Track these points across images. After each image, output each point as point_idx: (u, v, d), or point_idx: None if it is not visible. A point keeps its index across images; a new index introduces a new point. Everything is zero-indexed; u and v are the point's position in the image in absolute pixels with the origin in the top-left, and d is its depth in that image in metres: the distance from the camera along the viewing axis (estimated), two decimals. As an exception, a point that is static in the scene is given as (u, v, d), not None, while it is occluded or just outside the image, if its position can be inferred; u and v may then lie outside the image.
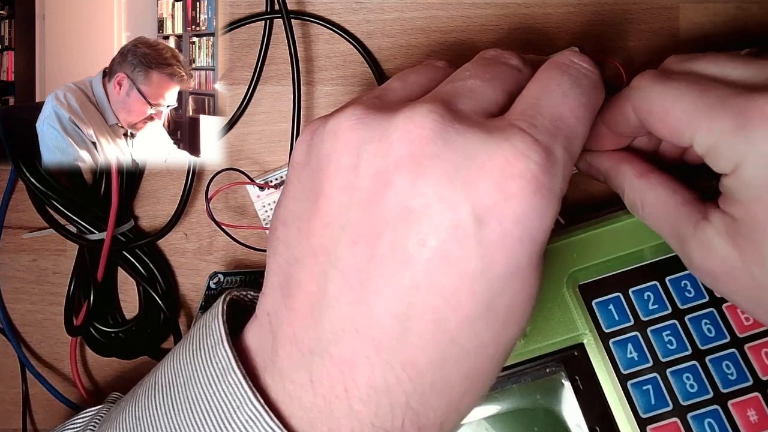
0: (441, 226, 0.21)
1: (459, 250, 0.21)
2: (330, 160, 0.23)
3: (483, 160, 0.21)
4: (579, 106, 0.24)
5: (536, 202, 0.21)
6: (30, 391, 0.38)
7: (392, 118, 0.22)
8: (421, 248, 0.21)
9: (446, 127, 0.22)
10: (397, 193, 0.22)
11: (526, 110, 0.23)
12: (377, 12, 0.37)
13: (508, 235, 0.21)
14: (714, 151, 0.24)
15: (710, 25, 0.36)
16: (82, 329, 0.36)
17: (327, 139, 0.23)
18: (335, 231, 0.23)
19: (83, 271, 0.37)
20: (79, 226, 0.36)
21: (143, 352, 0.37)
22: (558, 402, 0.31)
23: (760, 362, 0.29)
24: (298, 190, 0.24)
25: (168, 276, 0.38)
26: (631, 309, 0.31)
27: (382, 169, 0.22)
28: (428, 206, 0.21)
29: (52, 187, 0.35)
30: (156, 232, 0.37)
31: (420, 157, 0.22)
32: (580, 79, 0.25)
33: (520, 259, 0.21)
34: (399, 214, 0.21)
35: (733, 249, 0.24)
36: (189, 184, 0.36)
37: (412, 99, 0.25)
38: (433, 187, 0.21)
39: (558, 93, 0.24)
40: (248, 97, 0.36)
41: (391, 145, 0.22)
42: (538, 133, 0.22)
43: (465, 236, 0.21)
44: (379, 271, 0.22)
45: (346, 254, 0.22)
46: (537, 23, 0.37)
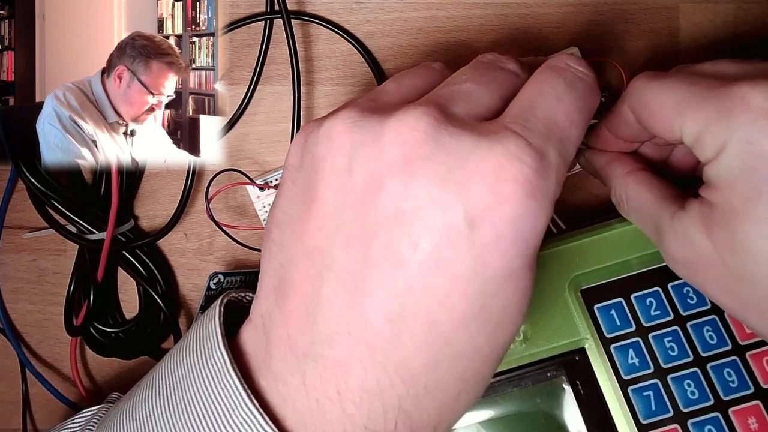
0: (434, 229, 0.21)
1: (452, 253, 0.21)
2: (324, 162, 0.23)
3: (476, 162, 0.21)
4: (573, 110, 0.24)
5: (529, 204, 0.21)
6: (30, 391, 0.38)
7: (385, 121, 0.22)
8: (414, 251, 0.21)
9: (439, 130, 0.22)
10: (390, 195, 0.22)
11: (520, 113, 0.23)
12: (377, 12, 0.37)
13: (501, 237, 0.21)
14: (700, 140, 0.24)
15: (710, 25, 0.36)
16: (82, 329, 0.36)
17: (321, 141, 0.23)
18: (329, 233, 0.23)
19: (83, 271, 0.37)
20: (79, 226, 0.36)
21: (143, 352, 0.37)
22: (558, 406, 0.30)
23: (762, 370, 0.29)
24: (292, 192, 0.25)
25: (168, 276, 0.38)
26: (632, 314, 0.31)
27: (376, 172, 0.22)
28: (421, 208, 0.21)
29: (52, 187, 0.35)
30: (156, 232, 0.37)
31: (412, 160, 0.22)
32: (575, 82, 0.25)
33: (514, 262, 0.22)
34: (392, 216, 0.22)
35: (707, 237, 0.24)
36: (189, 184, 0.36)
37: (408, 101, 0.25)
38: (426, 190, 0.21)
39: (552, 96, 0.24)
40: (248, 97, 0.36)
41: (383, 148, 0.22)
42: (532, 136, 0.22)
43: (458, 238, 0.21)
44: (372, 274, 0.22)
45: (340, 256, 0.22)
46: (537, 23, 0.36)
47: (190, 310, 0.38)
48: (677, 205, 0.26)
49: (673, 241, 0.26)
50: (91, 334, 0.37)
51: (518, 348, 0.31)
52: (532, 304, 0.30)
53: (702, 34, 0.36)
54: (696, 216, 0.25)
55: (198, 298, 0.37)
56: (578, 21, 0.36)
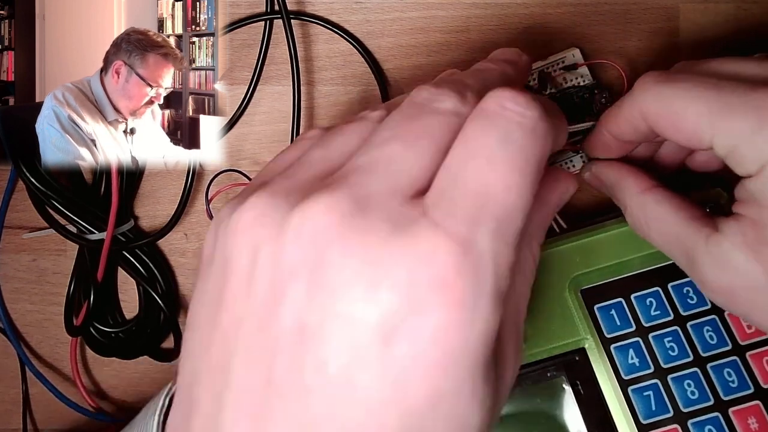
0: (341, 348, 0.18)
1: (363, 376, 0.18)
2: (230, 262, 0.20)
3: (388, 265, 0.18)
4: (511, 171, 0.19)
5: (453, 315, 0.17)
6: (30, 391, 0.38)
7: (289, 216, 0.19)
8: (319, 374, 0.18)
9: (346, 228, 0.18)
10: (292, 307, 0.18)
11: (444, 190, 0.19)
12: (377, 12, 0.37)
13: (421, 357, 0.18)
14: (736, 153, 0.23)
15: (710, 25, 0.36)
16: (82, 329, 0.36)
17: (229, 234, 0.21)
18: (231, 347, 0.20)
19: (83, 271, 0.37)
20: (79, 226, 0.36)
21: (143, 352, 0.37)
22: (558, 406, 0.30)
23: (762, 370, 0.29)
24: (202, 292, 0.22)
25: (168, 276, 0.38)
26: (633, 314, 0.31)
27: (277, 278, 0.19)
28: (326, 323, 0.18)
29: (52, 187, 0.35)
30: (156, 232, 0.37)
31: (315, 265, 0.18)
32: (511, 131, 0.20)
33: (441, 385, 0.18)
34: (295, 332, 0.18)
35: (755, 260, 0.22)
36: (189, 184, 0.36)
37: (331, 172, 0.21)
38: (331, 300, 0.18)
39: (482, 159, 0.19)
40: (248, 97, 0.36)
41: (285, 249, 0.19)
42: (455, 224, 0.18)
43: (369, 359, 0.18)
44: (275, 400, 0.19)
45: (241, 375, 0.19)
46: (537, 23, 0.36)
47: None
48: (709, 227, 0.24)
49: (711, 268, 0.24)
50: (91, 334, 0.37)
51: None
52: (532, 304, 0.31)
53: (702, 34, 0.36)
54: (737, 237, 0.23)
55: (198, 298, 0.37)
56: (578, 21, 0.36)
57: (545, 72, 0.36)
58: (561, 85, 0.35)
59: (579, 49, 0.36)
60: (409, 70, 0.37)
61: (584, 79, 0.35)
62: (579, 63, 0.35)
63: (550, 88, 0.35)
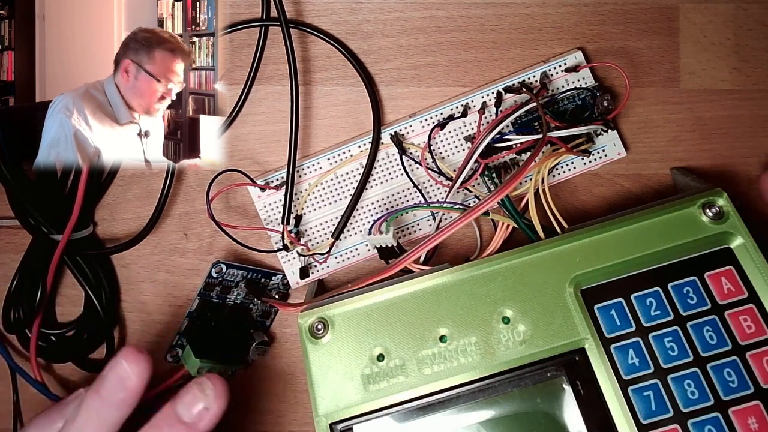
0: None
1: None
2: None
3: None
4: None
5: None
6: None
7: None
8: None
9: None
10: None
11: None
12: (377, 12, 0.37)
13: None
14: None
15: (710, 25, 0.36)
16: (18, 327, 0.36)
17: None
18: None
19: (30, 267, 0.36)
20: (44, 226, 0.35)
21: (70, 359, 0.37)
22: (558, 406, 0.30)
23: (762, 370, 0.29)
24: None
25: (114, 288, 0.37)
26: (633, 315, 0.31)
27: None
28: None
29: (24, 183, 0.35)
30: (118, 245, 0.36)
31: None
32: None
33: None
34: None
35: None
36: (163, 198, 0.36)
37: None
38: None
39: None
40: (242, 99, 0.36)
41: None
42: None
43: None
44: None
45: None
46: (537, 23, 0.36)
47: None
48: None
49: None
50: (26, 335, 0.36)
51: (518, 348, 0.31)
52: (533, 304, 0.31)
53: (702, 34, 0.36)
54: None
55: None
56: (578, 21, 0.36)
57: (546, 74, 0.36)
58: (562, 87, 0.36)
59: (581, 50, 0.36)
60: (409, 70, 0.37)
61: (586, 81, 0.35)
62: (581, 65, 0.35)
63: (550, 90, 0.35)
